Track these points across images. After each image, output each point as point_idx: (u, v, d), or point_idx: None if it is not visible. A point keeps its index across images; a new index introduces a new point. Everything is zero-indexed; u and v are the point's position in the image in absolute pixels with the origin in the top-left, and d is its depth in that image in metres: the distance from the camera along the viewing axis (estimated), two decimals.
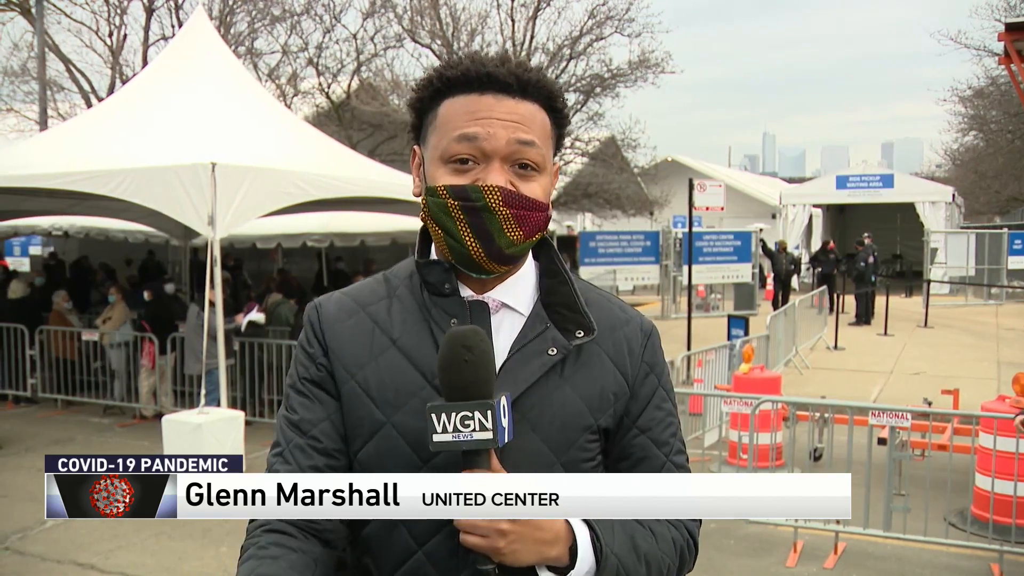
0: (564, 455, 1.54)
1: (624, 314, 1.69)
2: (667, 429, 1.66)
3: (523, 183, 1.54)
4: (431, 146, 1.58)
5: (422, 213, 1.58)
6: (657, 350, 1.70)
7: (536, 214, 1.54)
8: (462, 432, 1.37)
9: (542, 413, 1.53)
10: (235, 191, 8.94)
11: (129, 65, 22.85)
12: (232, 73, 12.08)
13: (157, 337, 11.37)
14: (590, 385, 1.58)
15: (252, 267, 19.25)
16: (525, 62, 1.59)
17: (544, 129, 1.57)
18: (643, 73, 21.88)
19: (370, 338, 1.58)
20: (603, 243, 21.23)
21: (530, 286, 1.64)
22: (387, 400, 1.54)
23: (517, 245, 1.53)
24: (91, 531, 7.32)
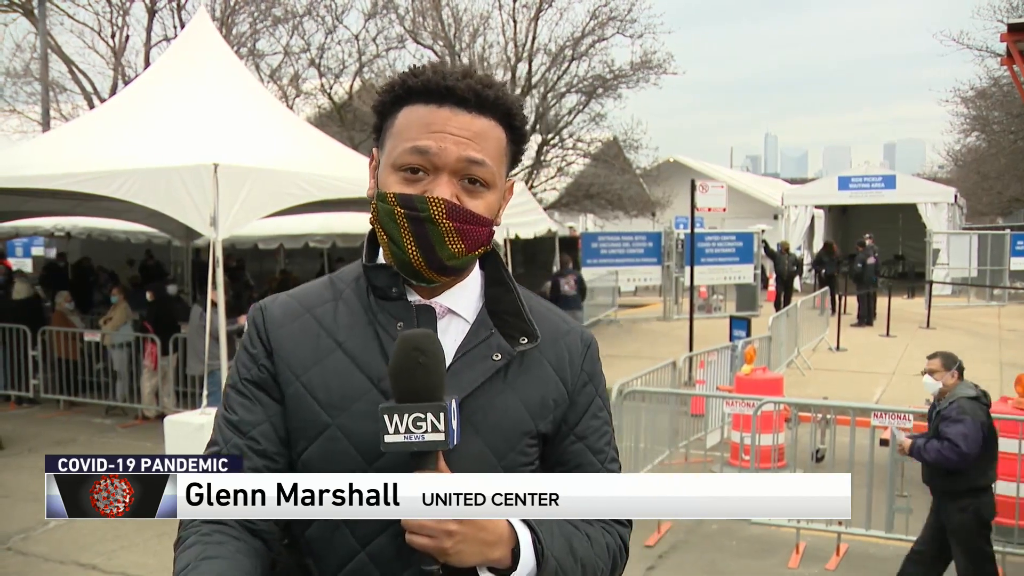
0: (505, 459, 1.58)
1: (566, 325, 1.74)
2: (603, 437, 1.71)
3: (470, 198, 1.56)
4: (386, 151, 1.61)
5: (371, 216, 1.61)
6: (596, 361, 1.75)
7: (479, 228, 1.57)
8: (414, 433, 1.39)
9: (485, 417, 1.57)
10: (237, 192, 8.93)
11: (131, 66, 22.87)
12: (234, 74, 12.08)
13: (159, 338, 11.37)
14: (532, 391, 1.62)
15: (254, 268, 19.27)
16: (488, 78, 1.60)
17: (498, 146, 1.59)
18: (645, 74, 21.89)
19: (315, 341, 1.60)
20: (605, 244, 21.21)
21: (476, 294, 1.67)
22: (332, 403, 1.56)
23: (458, 258, 1.56)
24: (93, 532, 7.32)
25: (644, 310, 23.62)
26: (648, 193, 26.11)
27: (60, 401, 12.28)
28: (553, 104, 22.27)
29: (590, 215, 26.56)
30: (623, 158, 23.97)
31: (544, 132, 22.40)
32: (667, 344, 16.14)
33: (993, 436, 5.51)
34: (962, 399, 5.50)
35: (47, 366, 12.46)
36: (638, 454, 7.93)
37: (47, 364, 12.47)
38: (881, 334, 17.96)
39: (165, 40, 22.28)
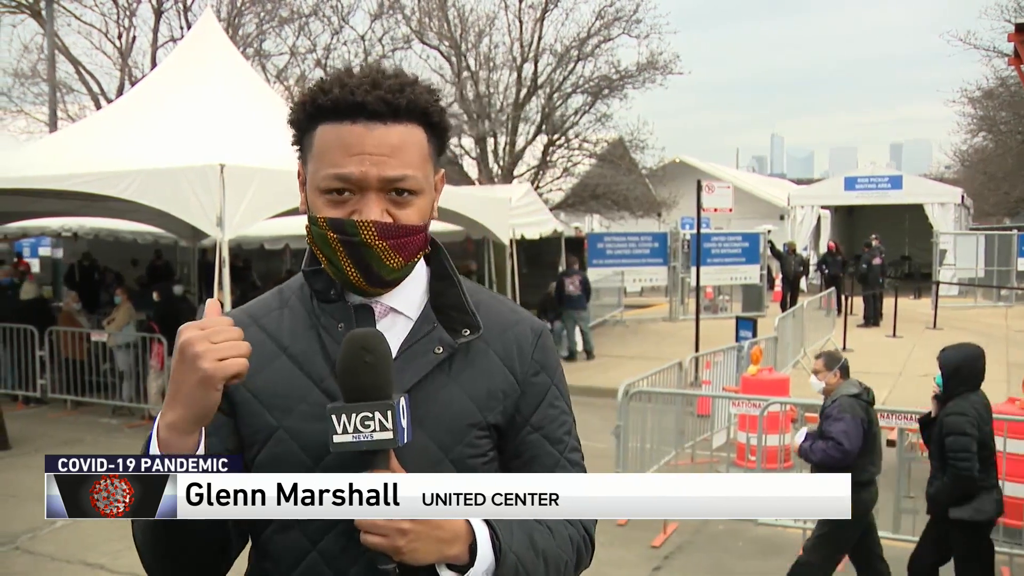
0: (451, 452, 1.58)
1: (515, 315, 1.74)
2: (561, 427, 1.71)
3: (400, 209, 1.57)
4: (310, 172, 1.62)
5: (307, 237, 1.63)
6: (548, 350, 1.74)
7: (414, 238, 1.59)
8: (362, 432, 1.39)
9: (428, 411, 1.57)
10: (243, 192, 8.94)
11: (138, 67, 22.92)
12: (240, 74, 12.10)
13: (166, 338, 11.39)
14: (477, 383, 1.63)
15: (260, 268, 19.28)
16: (398, 79, 1.59)
17: (420, 150, 1.59)
18: (651, 74, 21.90)
19: (261, 349, 1.60)
20: (611, 244, 21.20)
21: (420, 290, 1.69)
22: (277, 406, 1.59)
23: (398, 271, 1.59)
24: (100, 531, 7.33)
25: (650, 310, 23.59)
26: (654, 193, 26.08)
27: (67, 401, 12.31)
28: (559, 105, 22.27)
29: (596, 215, 26.55)
30: (629, 158, 23.95)
31: (550, 133, 22.39)
32: (673, 344, 16.11)
33: (874, 432, 5.56)
34: (843, 397, 5.56)
35: (54, 366, 12.50)
36: (644, 454, 7.92)
37: (54, 364, 12.50)
38: (888, 335, 17.91)
39: (172, 41, 22.35)
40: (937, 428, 5.38)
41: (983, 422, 5.24)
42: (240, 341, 1.44)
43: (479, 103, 21.75)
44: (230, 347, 1.41)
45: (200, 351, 1.39)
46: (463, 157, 22.73)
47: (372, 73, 1.59)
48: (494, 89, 22.19)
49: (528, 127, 22.55)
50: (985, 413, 5.30)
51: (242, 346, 1.43)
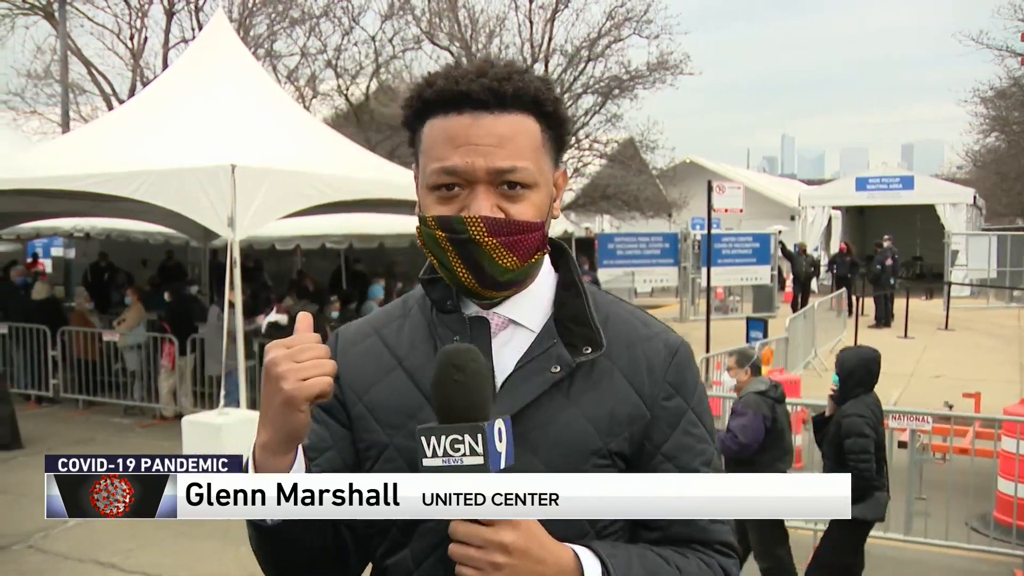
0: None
1: (647, 330, 1.58)
2: (697, 457, 1.53)
3: (512, 204, 1.46)
4: (420, 169, 1.54)
5: (418, 240, 1.54)
6: (685, 369, 1.57)
7: (528, 236, 1.47)
8: (452, 456, 1.30)
9: (543, 435, 1.46)
10: (254, 193, 8.96)
11: (150, 68, 23.01)
12: (251, 75, 12.12)
13: (177, 338, 11.42)
14: (599, 406, 1.49)
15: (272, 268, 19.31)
16: (507, 68, 1.49)
17: (532, 140, 1.48)
18: (661, 75, 21.88)
19: (379, 360, 1.57)
20: (621, 245, 21.18)
21: (544, 300, 1.57)
22: (389, 422, 1.53)
23: (512, 271, 1.47)
24: (112, 531, 7.35)
25: (660, 311, 23.54)
26: (664, 194, 26.06)
27: (79, 401, 12.35)
28: (569, 105, 22.25)
29: (606, 216, 26.54)
30: (639, 159, 23.96)
31: None
32: None
33: (780, 429, 5.67)
34: (749, 394, 5.73)
35: (66, 366, 12.54)
36: None
37: (66, 364, 12.54)
38: (899, 336, 17.84)
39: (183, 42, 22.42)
40: (834, 428, 5.44)
41: (878, 423, 5.32)
42: (325, 360, 1.37)
43: None
44: (314, 366, 1.35)
45: (283, 371, 1.34)
46: None
47: (480, 63, 1.51)
48: None
49: None
50: (879, 414, 5.38)
51: (326, 365, 1.36)
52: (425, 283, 1.60)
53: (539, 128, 1.50)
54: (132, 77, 22.91)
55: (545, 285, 1.58)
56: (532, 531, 1.33)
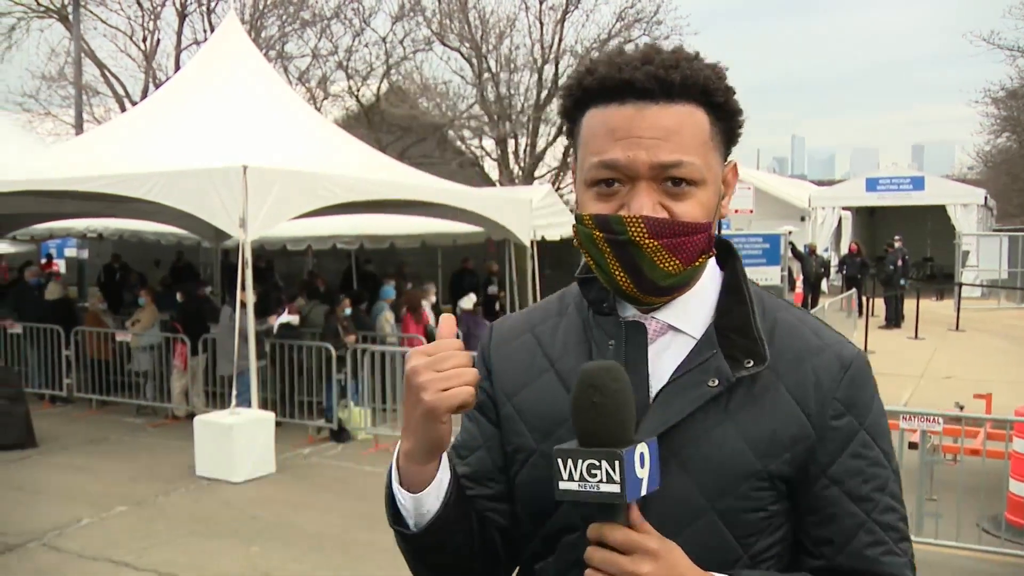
0: (719, 502, 1.34)
1: (818, 340, 1.42)
2: (869, 483, 1.37)
3: (676, 203, 1.34)
4: (578, 164, 1.42)
5: (575, 240, 1.42)
6: (859, 386, 1.40)
7: (694, 238, 1.34)
8: (588, 482, 1.20)
9: (695, 453, 1.34)
10: (266, 193, 9.00)
11: (162, 69, 23.13)
12: (263, 77, 12.17)
13: (189, 338, 11.46)
14: (759, 424, 1.35)
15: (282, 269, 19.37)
16: (674, 55, 1.37)
17: (699, 133, 1.35)
18: None
19: (531, 360, 1.50)
20: None
21: (707, 305, 1.43)
22: (538, 427, 1.44)
23: (674, 275, 1.35)
24: (125, 529, 7.39)
25: None
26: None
27: (93, 400, 12.40)
28: None
29: None
30: None
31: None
32: None
33: None
34: None
35: (80, 366, 12.60)
36: None
37: (80, 364, 12.60)
38: (909, 336, 17.79)
39: (195, 43, 22.54)
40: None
41: None
42: (467, 369, 1.29)
43: (500, 104, 21.79)
44: (455, 376, 1.28)
45: (423, 381, 1.28)
46: (484, 158, 22.78)
47: (646, 49, 1.39)
48: (515, 90, 22.27)
49: (549, 128, 22.59)
50: None
51: (467, 374, 1.28)
52: (581, 282, 1.50)
53: (708, 120, 1.37)
54: (145, 79, 23.04)
55: (709, 288, 1.44)
56: (672, 562, 1.23)
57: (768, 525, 1.36)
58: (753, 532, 1.34)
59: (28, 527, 7.40)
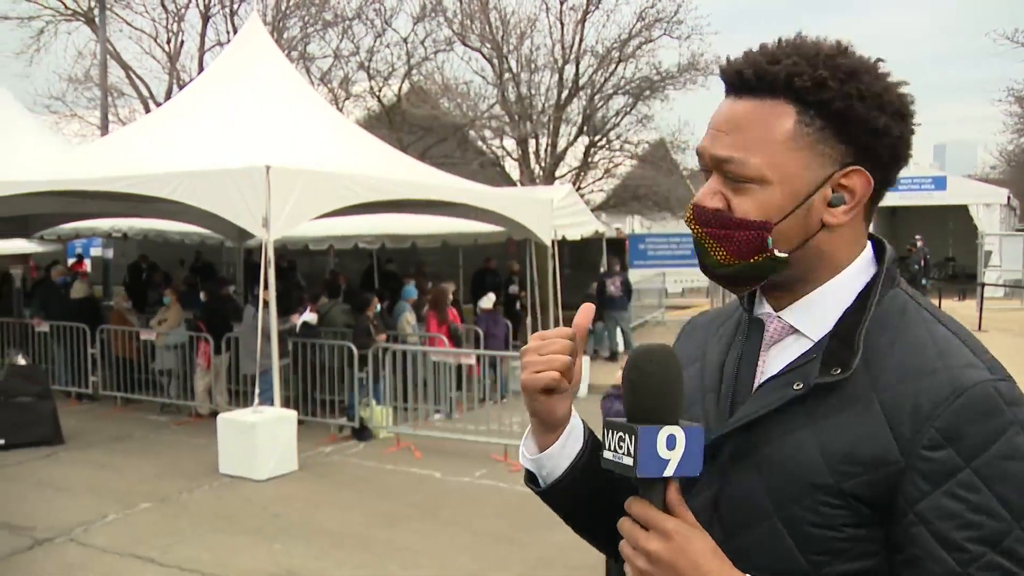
0: (784, 510, 1.28)
1: (938, 362, 1.28)
2: (967, 529, 1.18)
3: (735, 196, 1.33)
4: None
5: None
6: (973, 419, 1.21)
7: (742, 233, 1.32)
8: (617, 453, 1.25)
9: (771, 454, 1.30)
10: (288, 193, 9.04)
11: (186, 71, 23.29)
12: (285, 77, 12.23)
13: (213, 337, 11.52)
14: (840, 437, 1.26)
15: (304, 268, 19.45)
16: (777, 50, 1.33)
17: (771, 130, 1.30)
18: (692, 75, 21.79)
19: (693, 350, 1.53)
20: (652, 245, 21.13)
21: (837, 310, 1.36)
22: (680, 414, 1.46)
23: (728, 266, 1.34)
24: (150, 525, 7.45)
25: (692, 311, 23.45)
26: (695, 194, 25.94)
27: (117, 398, 12.50)
28: (600, 106, 22.27)
29: (637, 216, 26.47)
30: (670, 159, 23.87)
31: (591, 134, 22.39)
32: None
33: None
34: None
35: (105, 364, 12.70)
36: None
37: (105, 362, 12.71)
38: None
39: (219, 45, 22.67)
40: None
41: None
42: (559, 356, 1.36)
43: (521, 105, 21.80)
44: (547, 361, 1.35)
45: (524, 361, 1.39)
46: (505, 158, 22.79)
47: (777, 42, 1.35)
48: (536, 91, 22.25)
49: (570, 128, 22.57)
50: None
51: (556, 361, 1.35)
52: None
53: (794, 117, 1.30)
54: (169, 80, 23.20)
55: (845, 292, 1.37)
56: (686, 546, 1.22)
57: (847, 549, 1.25)
58: (825, 552, 1.26)
59: (55, 522, 7.47)
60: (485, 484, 8.79)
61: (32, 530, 7.29)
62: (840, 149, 1.30)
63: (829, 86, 1.28)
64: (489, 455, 9.66)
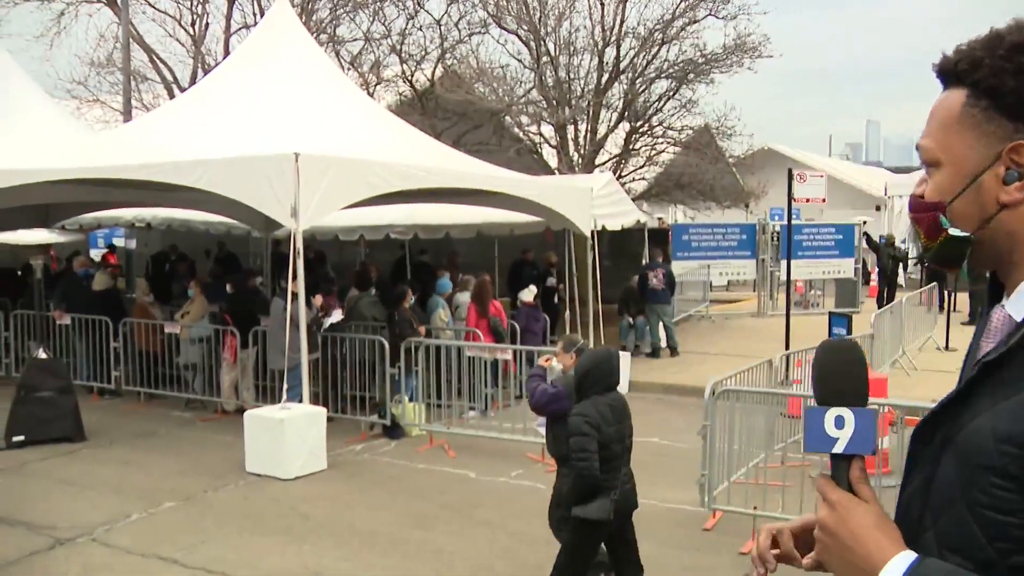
0: (968, 492, 1.30)
1: None
2: None
3: (928, 182, 1.47)
4: None
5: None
6: None
7: (924, 215, 1.45)
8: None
9: (961, 436, 1.34)
10: (318, 182, 9.06)
11: (211, 55, 23.39)
12: (314, 61, 12.27)
13: (239, 331, 11.59)
14: (1007, 417, 1.27)
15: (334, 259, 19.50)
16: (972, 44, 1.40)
17: (945, 116, 1.42)
18: (739, 57, 21.55)
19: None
20: (696, 236, 20.99)
21: None
22: None
23: (927, 248, 1.47)
24: (174, 525, 7.52)
25: (737, 306, 23.32)
26: (741, 183, 25.76)
27: (141, 393, 12.63)
28: (642, 90, 22.11)
29: (680, 206, 26.32)
30: (715, 146, 23.69)
31: (632, 120, 22.26)
32: (761, 341, 15.89)
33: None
34: (570, 375, 6.15)
35: (128, 358, 12.83)
36: (732, 456, 7.83)
37: (128, 356, 12.83)
38: None
39: (245, 27, 22.77)
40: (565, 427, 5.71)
41: (606, 423, 5.42)
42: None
43: (559, 89, 21.72)
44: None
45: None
46: (542, 145, 22.72)
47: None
48: (574, 75, 22.14)
49: (610, 114, 22.45)
50: (611, 415, 5.48)
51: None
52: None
53: (962, 101, 1.40)
54: (193, 64, 23.33)
55: None
56: (847, 517, 1.38)
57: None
58: (1006, 539, 1.26)
59: (77, 521, 7.57)
60: (522, 484, 8.78)
61: (53, 529, 7.39)
62: (1008, 127, 1.36)
63: (985, 64, 1.36)
64: (525, 454, 9.66)
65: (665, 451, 9.99)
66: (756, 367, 8.97)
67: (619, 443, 5.48)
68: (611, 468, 5.40)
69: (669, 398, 13.03)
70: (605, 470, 5.34)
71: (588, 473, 5.28)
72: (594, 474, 5.27)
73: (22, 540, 7.18)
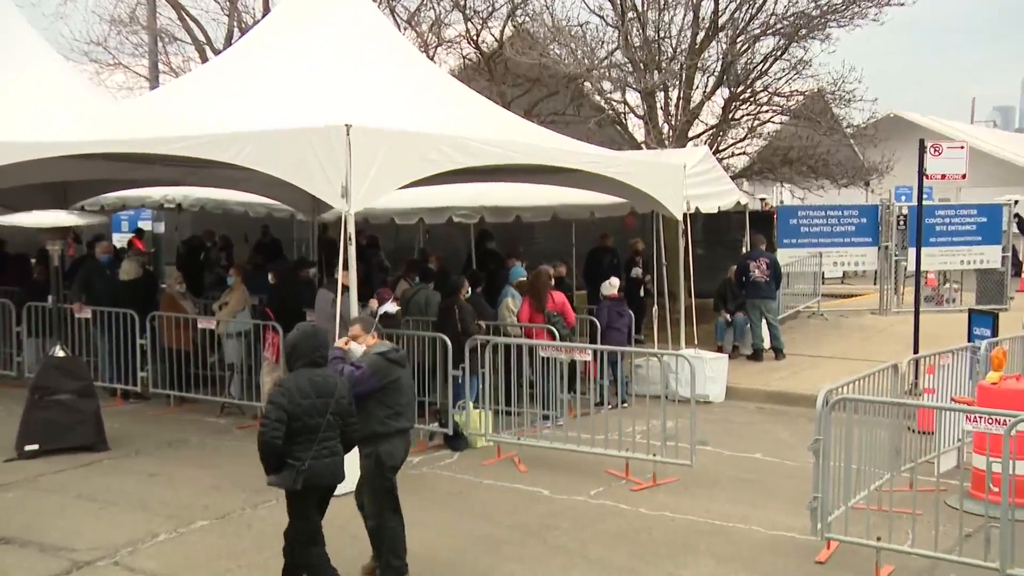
0: None
1: None
2: None
3: None
4: None
5: None
6: None
7: None
8: None
9: None
10: (372, 158, 9.09)
11: (249, 11, 23.59)
12: (367, 20, 12.31)
13: (282, 326, 11.68)
14: None
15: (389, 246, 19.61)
16: None
17: None
18: (862, 7, 21.09)
19: None
20: (806, 220, 20.76)
21: None
22: None
23: None
24: (206, 547, 7.64)
25: (855, 301, 23.01)
26: (862, 158, 25.37)
27: (170, 397, 12.80)
28: (744, 50, 21.80)
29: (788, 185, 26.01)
30: (830, 114, 23.33)
31: (733, 85, 21.98)
32: (883, 343, 15.68)
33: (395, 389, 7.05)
34: (372, 354, 7.13)
35: (156, 357, 12.90)
36: (850, 477, 7.72)
37: (156, 354, 12.90)
38: None
39: None
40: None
41: (302, 395, 6.28)
42: None
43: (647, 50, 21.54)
44: None
45: None
46: (627, 115, 22.60)
47: None
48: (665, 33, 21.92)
49: (706, 78, 22.22)
50: (309, 388, 6.33)
51: None
52: None
53: None
54: (229, 23, 23.56)
55: None
56: None
57: None
58: None
59: (98, 542, 7.72)
60: (602, 504, 8.78)
61: (71, 551, 7.55)
62: None
63: None
64: (606, 470, 9.65)
65: (770, 469, 9.90)
66: (878, 373, 8.82)
67: (314, 417, 6.30)
68: (303, 440, 6.29)
69: (773, 407, 12.90)
70: (298, 441, 6.27)
71: (263, 439, 6.21)
72: (268, 441, 6.21)
73: (36, 563, 7.34)
